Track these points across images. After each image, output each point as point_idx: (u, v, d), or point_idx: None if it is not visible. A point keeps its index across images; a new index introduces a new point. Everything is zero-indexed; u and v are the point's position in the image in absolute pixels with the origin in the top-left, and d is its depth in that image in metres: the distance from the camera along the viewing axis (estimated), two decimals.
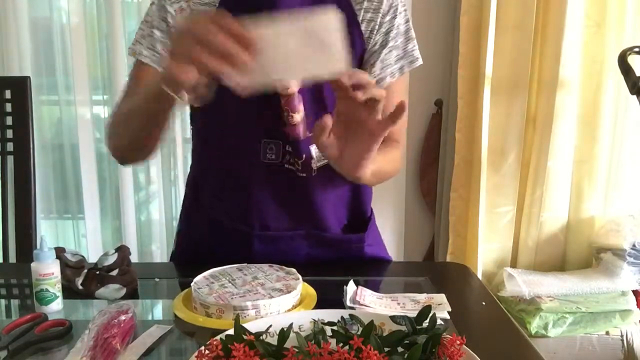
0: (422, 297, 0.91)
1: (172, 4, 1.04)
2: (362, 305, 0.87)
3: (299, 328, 0.74)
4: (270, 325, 0.71)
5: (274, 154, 1.06)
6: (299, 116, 1.02)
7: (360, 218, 1.17)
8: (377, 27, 1.06)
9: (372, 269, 1.11)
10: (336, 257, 1.11)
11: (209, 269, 0.96)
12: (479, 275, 2.14)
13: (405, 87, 1.13)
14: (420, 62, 1.10)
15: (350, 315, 0.74)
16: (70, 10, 2.20)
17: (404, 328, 0.66)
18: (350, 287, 0.92)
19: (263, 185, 1.07)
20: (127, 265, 0.99)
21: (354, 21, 1.05)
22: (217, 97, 1.07)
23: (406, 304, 0.88)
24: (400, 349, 0.64)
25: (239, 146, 1.07)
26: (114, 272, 0.96)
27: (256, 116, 1.05)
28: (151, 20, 1.05)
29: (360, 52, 1.07)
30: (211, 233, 1.12)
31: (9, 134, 1.39)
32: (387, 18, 1.06)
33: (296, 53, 0.72)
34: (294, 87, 1.00)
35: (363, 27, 1.06)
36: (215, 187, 1.12)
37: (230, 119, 1.06)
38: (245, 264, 0.99)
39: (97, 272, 0.96)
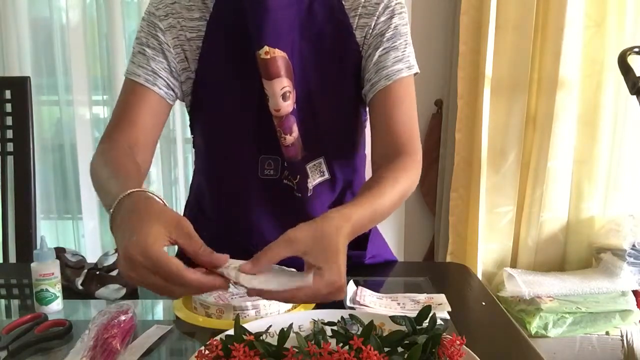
0: (422, 297, 0.91)
1: (161, 20, 1.01)
2: (362, 305, 0.87)
3: (299, 328, 0.74)
4: (270, 325, 0.71)
5: (273, 170, 1.05)
6: (292, 137, 1.01)
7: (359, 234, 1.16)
8: (370, 30, 1.00)
9: (373, 269, 1.11)
10: None
11: None
12: (479, 275, 2.14)
13: (407, 94, 1.01)
14: (416, 69, 1.02)
15: (350, 315, 0.74)
16: (70, 10, 2.20)
17: (404, 328, 0.66)
18: (350, 287, 0.92)
19: (261, 201, 1.07)
20: None
21: (349, 32, 1.01)
22: (213, 112, 1.05)
23: (406, 304, 0.88)
24: (400, 349, 0.64)
25: (237, 161, 1.07)
26: (114, 272, 0.96)
27: (254, 133, 1.04)
28: (141, 37, 1.02)
29: (356, 64, 1.03)
30: (212, 244, 1.12)
31: (9, 134, 1.39)
32: (382, 19, 1.00)
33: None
34: (287, 108, 0.99)
35: (357, 34, 1.01)
36: (215, 200, 1.12)
37: (228, 135, 1.05)
38: None
39: (97, 272, 0.96)
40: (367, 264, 1.13)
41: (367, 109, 1.04)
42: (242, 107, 1.03)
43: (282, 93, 0.97)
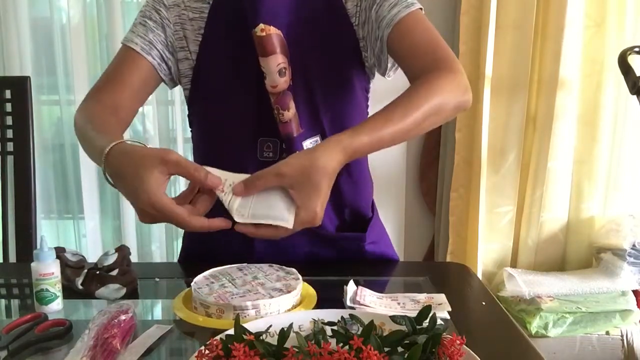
0: (422, 297, 0.91)
1: None
2: (362, 305, 0.87)
3: (299, 328, 0.74)
4: (270, 325, 0.71)
5: (272, 152, 1.07)
6: (290, 113, 1.03)
7: (359, 217, 1.17)
8: None
9: (373, 269, 1.11)
10: (337, 256, 1.11)
11: (209, 268, 0.96)
12: (479, 275, 2.14)
13: (417, 24, 0.99)
14: (418, 6, 1.01)
15: (350, 315, 0.74)
16: (70, 10, 2.20)
17: (404, 328, 0.66)
18: (350, 287, 0.92)
19: None
20: (127, 265, 0.99)
21: (340, 6, 1.04)
22: (213, 95, 1.08)
23: (406, 304, 0.88)
24: (400, 349, 0.64)
25: (236, 144, 1.08)
26: (114, 272, 0.96)
27: (252, 115, 1.05)
28: (145, 10, 1.08)
29: (351, 39, 1.05)
30: (213, 232, 1.12)
31: (9, 134, 1.39)
32: None
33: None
34: (283, 84, 1.01)
35: (349, 5, 1.04)
36: None
37: (228, 118, 1.07)
38: (245, 264, 0.99)
39: (97, 272, 0.97)
40: (367, 252, 1.13)
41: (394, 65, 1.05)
42: (241, 91, 1.05)
43: (279, 69, 1.00)
